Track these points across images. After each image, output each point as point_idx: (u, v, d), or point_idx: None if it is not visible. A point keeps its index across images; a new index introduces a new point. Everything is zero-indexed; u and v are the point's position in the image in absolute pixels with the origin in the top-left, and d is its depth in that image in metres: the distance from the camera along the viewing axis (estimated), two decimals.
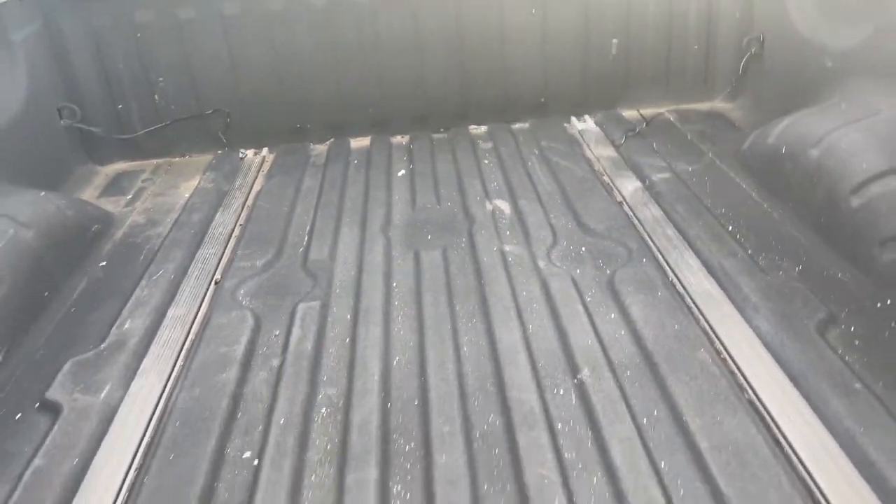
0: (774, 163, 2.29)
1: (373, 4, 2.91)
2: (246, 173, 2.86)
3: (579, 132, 2.96)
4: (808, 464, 1.33)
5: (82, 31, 2.85)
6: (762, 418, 1.46)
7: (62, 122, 2.84)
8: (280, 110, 3.05)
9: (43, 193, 2.31)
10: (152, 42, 2.89)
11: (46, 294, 2.07)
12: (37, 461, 1.49)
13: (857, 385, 1.48)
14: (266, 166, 2.93)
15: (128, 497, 1.42)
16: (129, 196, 2.76)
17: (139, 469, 1.48)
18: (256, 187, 2.75)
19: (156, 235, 2.42)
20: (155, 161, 3.04)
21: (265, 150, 3.04)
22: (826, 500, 1.26)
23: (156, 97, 2.96)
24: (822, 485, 1.28)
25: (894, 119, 2.01)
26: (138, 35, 2.88)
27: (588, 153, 2.77)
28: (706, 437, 1.40)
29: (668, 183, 2.44)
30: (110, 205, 2.66)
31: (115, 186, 2.87)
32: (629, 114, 3.06)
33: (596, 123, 3.02)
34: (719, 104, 3.05)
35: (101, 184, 2.90)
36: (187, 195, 2.70)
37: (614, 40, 3.01)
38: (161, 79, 2.94)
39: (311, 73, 2.99)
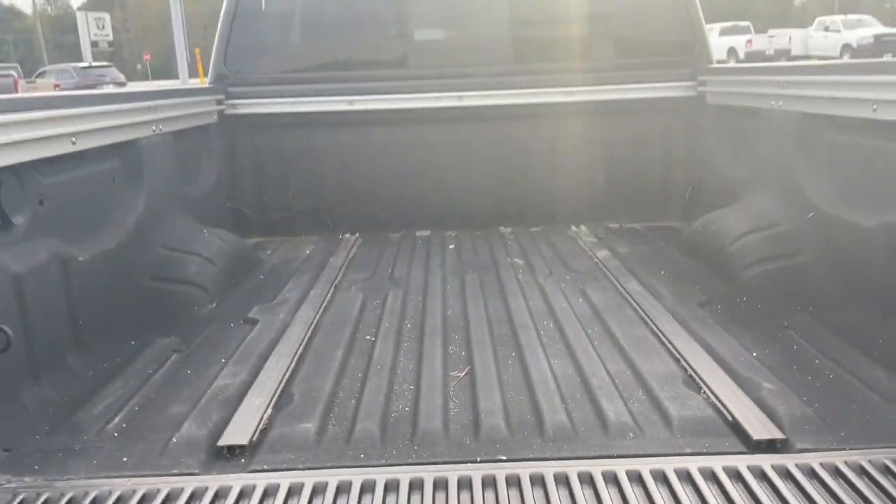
0: (695, 238, 3.58)
1: (441, 143, 4.37)
2: (345, 245, 4.19)
3: (575, 232, 4.28)
4: (664, 329, 2.51)
5: (249, 147, 4.35)
6: (647, 323, 2.65)
7: (228, 204, 4.26)
8: (370, 208, 4.43)
9: (230, 233, 3.67)
10: (292, 157, 4.36)
11: (233, 282, 3.35)
12: (250, 335, 2.71)
13: (710, 321, 2.67)
14: (358, 243, 4.26)
15: (301, 353, 2.60)
16: (268, 252, 4.10)
17: (307, 342, 2.68)
18: (352, 252, 4.06)
19: (291, 268, 3.72)
20: (281, 238, 4.40)
21: (357, 234, 4.39)
22: (665, 336, 2.43)
23: (289, 193, 4.39)
24: (664, 329, 2.47)
25: (755, 208, 3.31)
26: (284, 152, 4.36)
27: (580, 242, 4.07)
28: (617, 328, 2.60)
29: (628, 253, 3.71)
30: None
31: (256, 248, 4.22)
32: (612, 224, 4.38)
33: (588, 229, 4.34)
34: (674, 222, 4.37)
35: None
36: (307, 252, 4.03)
37: (600, 175, 4.41)
38: (294, 181, 4.39)
39: (394, 185, 4.40)
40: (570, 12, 4.44)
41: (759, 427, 1.90)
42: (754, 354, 2.39)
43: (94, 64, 37.78)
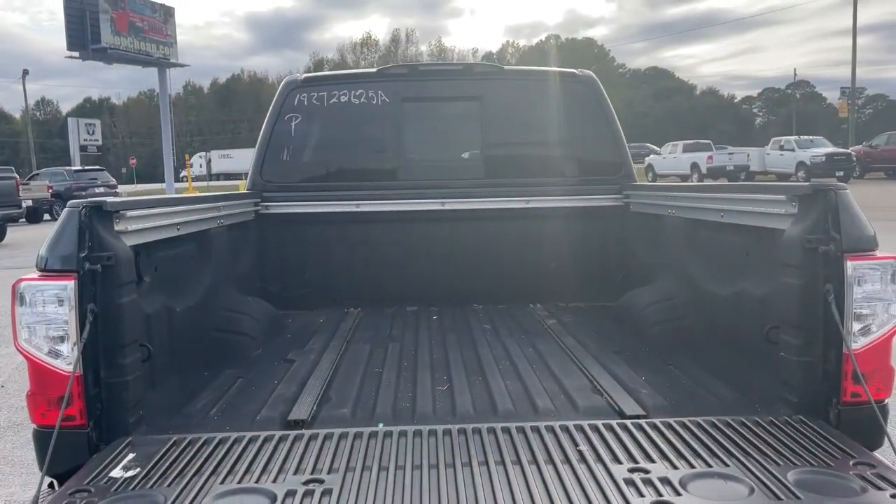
0: (620, 309, 4.76)
1: (427, 238, 5.56)
2: (351, 316, 5.30)
3: (532, 308, 5.44)
4: (585, 364, 3.63)
5: (277, 239, 5.51)
6: (574, 361, 3.77)
7: (258, 283, 5.38)
8: (370, 288, 5.57)
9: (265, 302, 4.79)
10: (310, 247, 5.52)
11: (270, 337, 4.44)
12: (291, 368, 3.79)
13: (619, 361, 3.80)
14: (360, 315, 5.37)
15: (330, 378, 3.68)
16: (290, 320, 5.20)
17: (334, 372, 3.76)
18: (357, 320, 5.17)
19: (311, 330, 4.82)
20: (299, 310, 5.50)
21: (360, 308, 5.50)
22: (585, 368, 3.55)
23: (306, 275, 5.53)
24: (585, 364, 3.58)
25: (659, 286, 4.52)
26: (303, 243, 5.53)
27: (535, 315, 5.22)
28: (553, 364, 3.72)
29: (571, 322, 4.87)
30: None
31: (280, 317, 5.30)
32: (561, 303, 5.55)
33: (542, 306, 5.50)
34: (609, 302, 5.54)
35: None
36: (321, 320, 5.14)
37: (552, 265, 5.61)
38: (310, 266, 5.53)
39: (390, 270, 5.56)
40: (527, 139, 5.77)
41: (632, 409, 3.01)
42: (643, 378, 3.52)
43: (87, 168, 39.28)
